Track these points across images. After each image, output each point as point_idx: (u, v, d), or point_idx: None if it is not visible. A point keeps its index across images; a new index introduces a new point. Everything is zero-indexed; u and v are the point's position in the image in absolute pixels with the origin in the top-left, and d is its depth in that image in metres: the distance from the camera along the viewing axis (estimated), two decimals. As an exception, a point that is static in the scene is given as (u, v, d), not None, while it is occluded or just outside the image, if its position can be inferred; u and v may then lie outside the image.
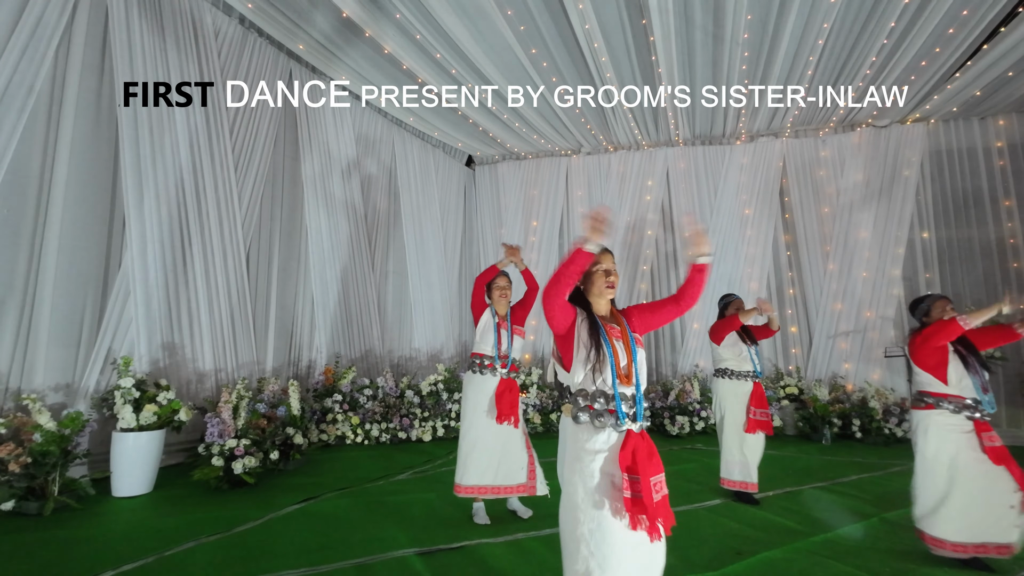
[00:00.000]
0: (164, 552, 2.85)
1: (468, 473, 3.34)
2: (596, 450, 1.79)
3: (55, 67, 4.01)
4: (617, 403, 1.82)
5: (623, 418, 1.80)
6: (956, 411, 2.86)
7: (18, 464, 3.30)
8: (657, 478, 1.75)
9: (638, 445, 1.77)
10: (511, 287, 3.61)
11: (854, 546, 3.14)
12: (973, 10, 4.89)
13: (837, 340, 7.21)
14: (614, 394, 1.83)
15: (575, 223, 8.77)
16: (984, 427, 2.83)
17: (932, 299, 3.11)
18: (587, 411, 1.83)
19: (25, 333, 3.82)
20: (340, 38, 5.67)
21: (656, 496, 1.71)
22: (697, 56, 5.81)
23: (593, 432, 1.81)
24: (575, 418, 1.84)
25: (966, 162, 7.09)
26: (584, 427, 1.83)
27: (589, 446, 1.80)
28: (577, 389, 1.88)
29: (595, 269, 1.99)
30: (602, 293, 1.98)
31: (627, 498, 1.70)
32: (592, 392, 1.85)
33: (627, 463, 1.74)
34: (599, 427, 1.81)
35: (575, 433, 1.85)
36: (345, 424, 5.89)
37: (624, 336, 1.92)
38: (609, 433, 1.81)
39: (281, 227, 6.07)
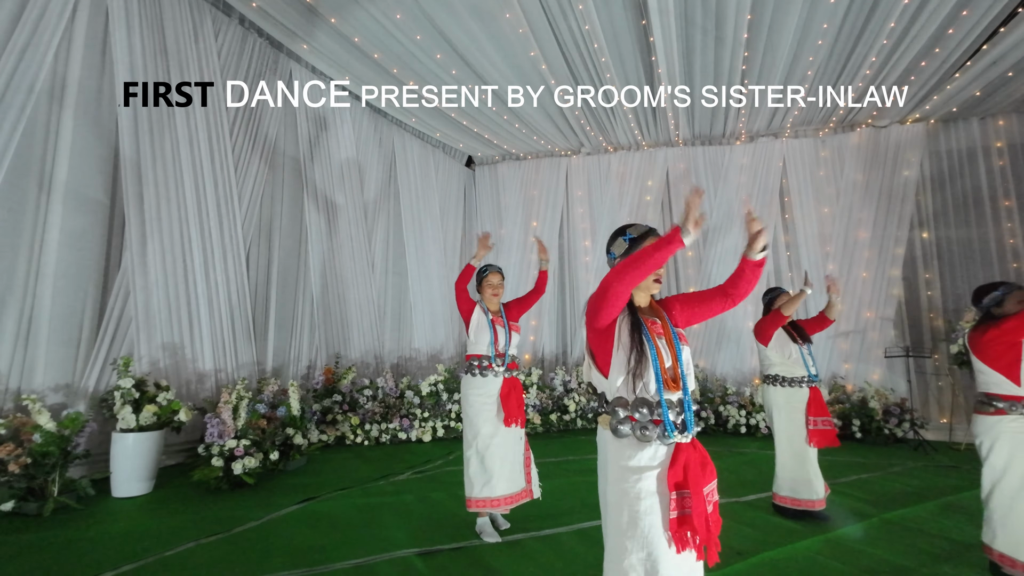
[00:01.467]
0: (164, 552, 2.85)
1: (482, 485, 3.07)
2: (643, 467, 1.58)
3: (55, 67, 4.01)
4: (664, 412, 1.60)
5: (671, 430, 1.59)
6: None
7: (18, 464, 3.30)
8: (709, 487, 1.58)
9: (690, 457, 1.58)
10: (503, 285, 3.37)
11: (854, 546, 3.14)
12: (972, 10, 4.90)
13: (837, 340, 7.21)
14: (660, 401, 1.61)
15: (575, 223, 8.77)
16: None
17: (1008, 288, 2.67)
18: (628, 423, 1.62)
19: (25, 333, 3.82)
20: (341, 39, 5.67)
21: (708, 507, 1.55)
22: (697, 56, 5.82)
23: (637, 447, 1.60)
24: (615, 431, 1.62)
25: (966, 162, 7.09)
26: (626, 441, 1.62)
27: (634, 463, 1.59)
28: (615, 397, 1.65)
29: None
30: (648, 286, 1.76)
31: (673, 519, 1.53)
32: (633, 401, 1.63)
33: (677, 479, 1.56)
34: (644, 440, 1.60)
35: (617, 449, 1.63)
36: (345, 424, 5.88)
37: (667, 332, 1.70)
38: (656, 447, 1.60)
39: (281, 227, 6.07)
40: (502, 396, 3.18)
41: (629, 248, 1.76)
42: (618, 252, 1.80)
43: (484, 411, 3.17)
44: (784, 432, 3.54)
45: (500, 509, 3.14)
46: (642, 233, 1.77)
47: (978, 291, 2.79)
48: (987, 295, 2.73)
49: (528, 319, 8.65)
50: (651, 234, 1.77)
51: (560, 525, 3.33)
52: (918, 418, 6.34)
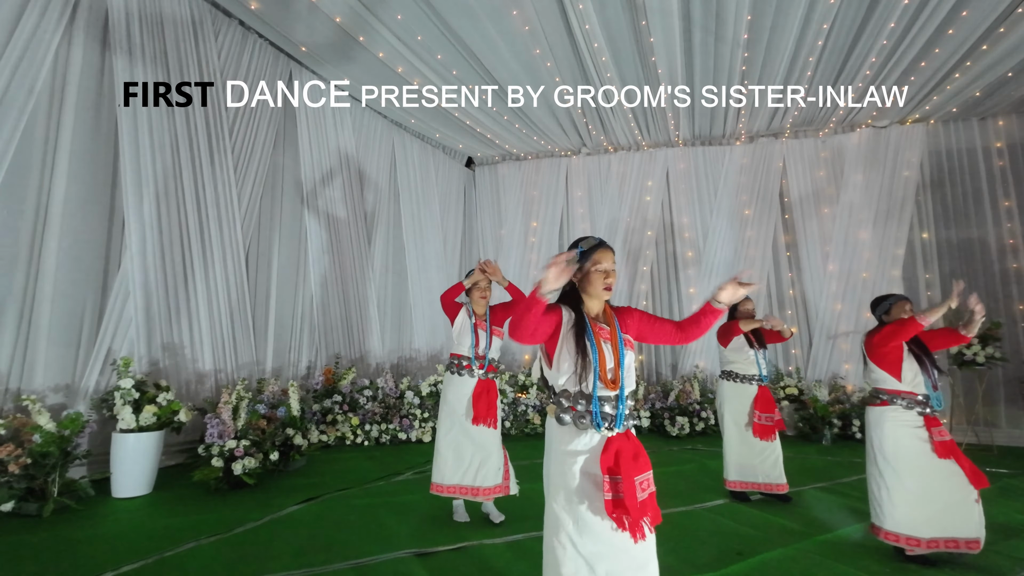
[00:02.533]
0: (164, 553, 2.85)
1: (445, 473, 3.34)
2: (578, 451, 1.77)
3: (55, 67, 4.01)
4: (595, 407, 1.77)
5: (599, 424, 1.76)
6: (908, 407, 2.94)
7: (18, 465, 3.30)
8: (643, 476, 1.73)
9: (622, 446, 1.74)
10: (491, 289, 3.51)
11: (854, 547, 3.14)
12: (972, 10, 4.90)
13: (837, 341, 7.21)
14: (593, 397, 1.78)
15: (575, 223, 8.77)
16: (934, 422, 2.92)
17: (894, 299, 3.18)
18: (570, 412, 1.80)
19: (25, 334, 3.82)
20: (340, 40, 5.67)
21: (642, 495, 1.69)
22: (697, 56, 5.82)
23: (576, 433, 1.78)
24: (559, 419, 1.81)
25: (966, 163, 7.09)
26: (567, 428, 1.80)
27: (571, 447, 1.77)
28: (560, 390, 1.84)
29: (594, 268, 1.89)
30: (599, 294, 1.90)
31: (608, 500, 1.68)
32: (574, 393, 1.81)
33: (608, 464, 1.72)
34: (582, 428, 1.78)
35: (559, 435, 1.82)
36: (345, 425, 5.88)
37: (613, 338, 1.86)
38: (591, 435, 1.78)
39: (281, 227, 6.07)
40: (473, 396, 3.33)
41: (581, 260, 1.90)
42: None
43: (457, 408, 3.36)
44: (731, 421, 4.02)
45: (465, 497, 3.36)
46: (592, 246, 1.91)
47: (873, 302, 3.28)
48: (879, 305, 3.22)
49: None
50: (601, 246, 1.91)
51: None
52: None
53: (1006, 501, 4.07)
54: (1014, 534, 3.37)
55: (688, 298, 8.06)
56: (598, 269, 1.89)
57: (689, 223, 8.18)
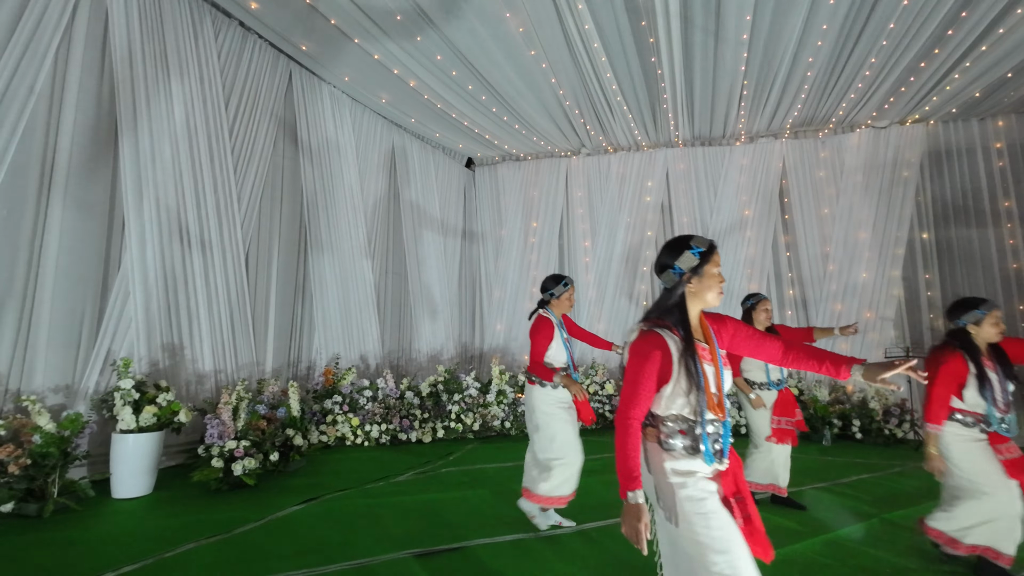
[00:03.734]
0: (164, 554, 2.85)
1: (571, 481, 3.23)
2: (696, 470, 1.59)
3: (55, 67, 4.01)
4: (705, 443, 1.59)
5: (710, 459, 1.58)
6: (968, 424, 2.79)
7: (18, 466, 3.30)
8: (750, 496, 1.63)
9: (737, 469, 1.62)
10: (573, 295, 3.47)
11: (854, 547, 3.14)
12: (972, 11, 4.90)
13: (837, 341, 7.20)
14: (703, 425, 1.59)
15: (575, 224, 8.77)
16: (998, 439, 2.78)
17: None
18: (679, 436, 1.61)
19: (25, 334, 3.81)
20: (339, 40, 5.67)
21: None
22: (697, 56, 5.82)
23: (688, 456, 1.60)
24: (663, 444, 1.62)
25: (965, 163, 7.10)
26: (676, 453, 1.61)
27: (687, 467, 1.59)
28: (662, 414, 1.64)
29: (715, 272, 1.68)
30: (712, 301, 1.70)
31: (741, 526, 1.55)
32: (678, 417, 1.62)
33: (731, 488, 1.58)
34: (693, 454, 1.60)
35: (663, 460, 1.61)
36: (345, 425, 5.88)
37: (714, 358, 1.67)
38: (701, 461, 1.61)
39: (281, 227, 6.07)
40: (575, 401, 3.28)
41: (700, 263, 1.67)
42: (686, 266, 1.68)
43: (562, 415, 3.25)
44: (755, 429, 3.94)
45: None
46: (709, 246, 1.70)
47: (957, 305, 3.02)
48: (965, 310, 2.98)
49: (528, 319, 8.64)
50: (715, 248, 1.72)
51: (560, 526, 3.33)
52: (918, 418, 6.33)
53: (1006, 501, 4.05)
54: (1014, 534, 3.36)
55: (688, 298, 8.05)
56: (718, 272, 1.69)
57: (689, 223, 8.18)
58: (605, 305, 8.33)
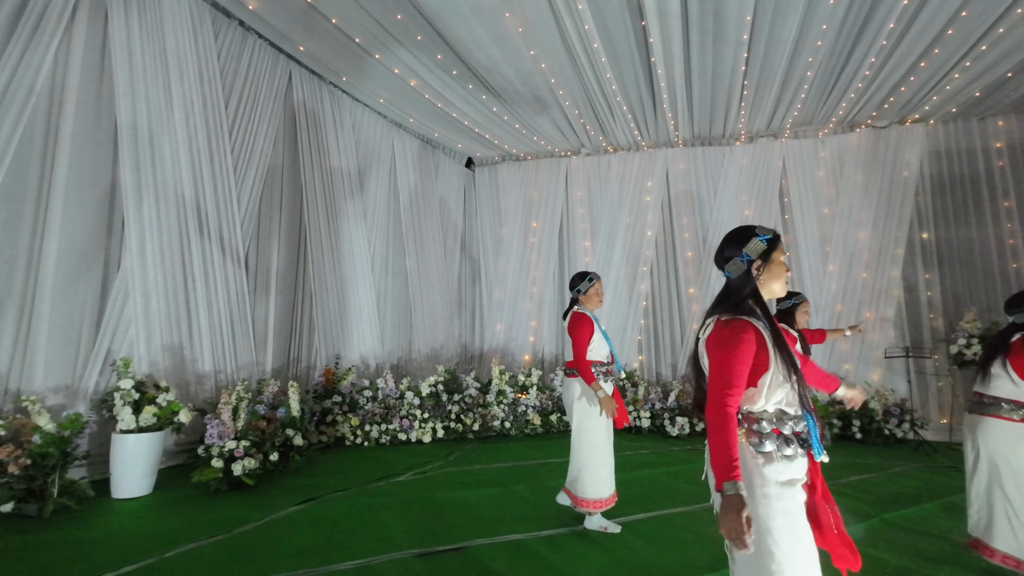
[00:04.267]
0: (164, 554, 2.85)
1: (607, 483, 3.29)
2: (794, 480, 1.50)
3: (55, 68, 4.01)
4: (811, 425, 1.52)
5: (818, 447, 1.52)
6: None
7: (17, 466, 3.30)
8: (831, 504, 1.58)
9: (815, 468, 1.56)
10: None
11: (855, 547, 3.13)
12: (971, 11, 4.90)
13: (837, 341, 7.20)
14: (804, 415, 1.52)
15: (575, 224, 8.77)
16: None
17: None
18: (773, 436, 1.50)
19: (24, 334, 3.81)
20: (339, 42, 5.66)
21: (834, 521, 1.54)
22: (696, 57, 5.82)
23: (785, 461, 1.50)
24: (756, 446, 1.52)
25: (965, 163, 7.10)
26: (771, 456, 1.51)
27: (786, 478, 1.49)
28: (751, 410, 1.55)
29: (782, 259, 1.65)
30: (781, 291, 1.67)
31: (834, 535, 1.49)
32: (777, 413, 1.53)
33: (823, 492, 1.52)
34: (785, 457, 1.50)
35: (760, 467, 1.51)
36: (345, 425, 5.88)
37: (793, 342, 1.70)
38: (800, 461, 1.53)
39: (281, 227, 6.07)
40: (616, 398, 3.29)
41: (768, 249, 1.64)
42: (754, 253, 1.64)
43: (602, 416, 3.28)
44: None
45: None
46: (775, 234, 1.67)
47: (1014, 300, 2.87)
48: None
49: (528, 320, 8.65)
50: (780, 237, 1.69)
51: (561, 526, 3.33)
52: (918, 419, 6.34)
53: (1006, 501, 4.06)
54: (1014, 534, 3.36)
55: (688, 298, 8.06)
56: (784, 260, 1.68)
57: (689, 223, 8.18)
58: (605, 305, 8.33)
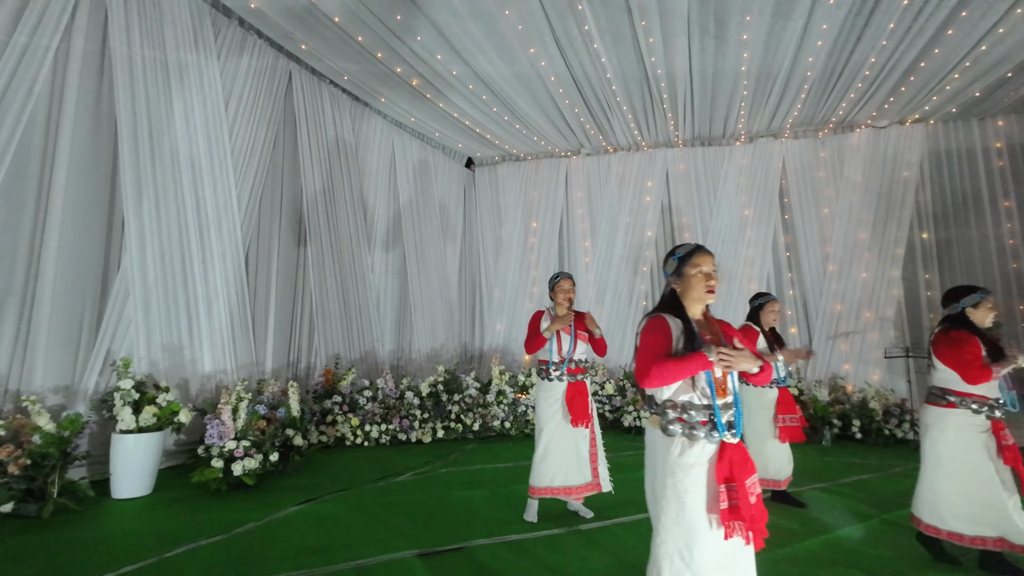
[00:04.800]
0: (164, 554, 2.85)
1: (541, 476, 3.39)
2: (691, 464, 1.74)
3: (55, 68, 4.01)
4: (716, 414, 1.76)
5: (722, 430, 1.75)
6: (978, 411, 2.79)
7: (17, 466, 3.30)
8: (751, 480, 1.73)
9: (734, 453, 1.74)
10: (575, 289, 3.53)
11: (854, 547, 3.14)
12: (971, 11, 4.90)
13: (837, 341, 7.21)
14: (712, 405, 1.77)
15: (575, 224, 8.77)
16: (1001, 426, 2.81)
17: (981, 293, 2.92)
18: (678, 423, 1.77)
19: (24, 334, 3.81)
20: (339, 41, 5.67)
21: (752, 499, 1.70)
22: (696, 56, 5.82)
23: (687, 445, 1.76)
24: (664, 430, 1.79)
25: (965, 163, 7.10)
26: (676, 440, 1.77)
27: (683, 460, 1.74)
28: (665, 400, 1.81)
29: (695, 272, 1.88)
30: (701, 299, 1.89)
31: (724, 509, 1.67)
32: (683, 403, 1.79)
33: (725, 474, 1.70)
34: (692, 440, 1.75)
35: (666, 446, 1.78)
36: (345, 425, 5.88)
37: (718, 344, 1.85)
38: (704, 445, 1.75)
39: (281, 227, 6.07)
40: (567, 399, 3.39)
41: (679, 265, 1.91)
42: (670, 270, 1.95)
43: (550, 412, 3.42)
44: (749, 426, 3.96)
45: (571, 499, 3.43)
46: (690, 250, 1.91)
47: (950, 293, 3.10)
48: (961, 296, 3.04)
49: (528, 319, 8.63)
50: (699, 250, 1.90)
51: (561, 526, 3.33)
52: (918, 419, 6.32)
53: (1006, 501, 4.05)
54: (1014, 534, 3.35)
55: (688, 298, 8.06)
56: (700, 272, 1.88)
57: (689, 223, 8.18)
58: (605, 305, 8.33)
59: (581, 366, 3.49)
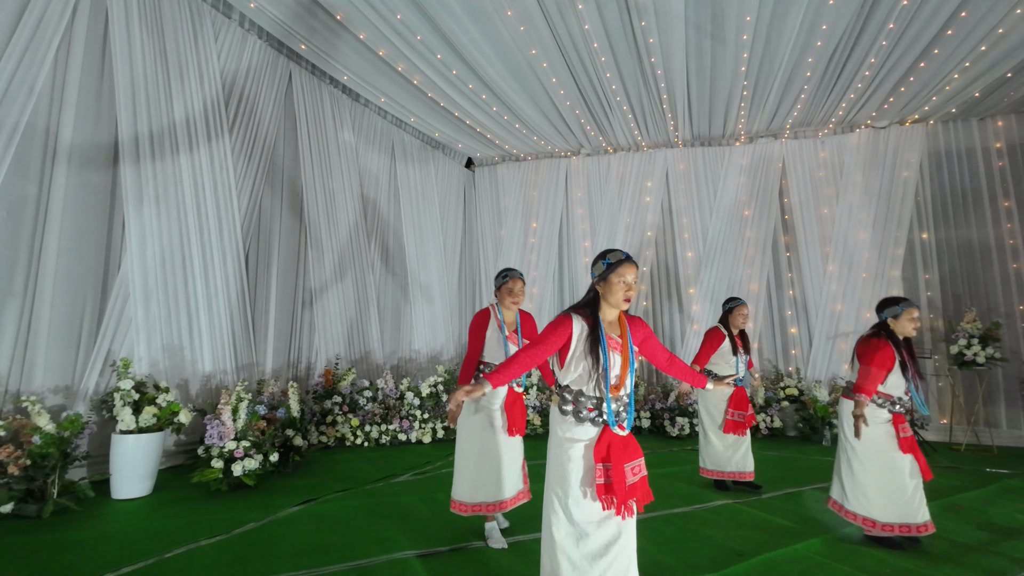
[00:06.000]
0: (164, 555, 2.85)
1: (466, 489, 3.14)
2: (575, 439, 2.04)
3: (55, 68, 4.01)
4: (608, 408, 2.02)
5: (612, 421, 2.02)
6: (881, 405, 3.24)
7: (17, 466, 3.30)
8: (634, 463, 2.01)
9: (613, 439, 2.00)
10: (523, 292, 3.27)
11: (854, 547, 3.14)
12: (971, 11, 4.90)
13: (837, 341, 7.21)
14: (605, 399, 2.03)
15: (575, 224, 8.77)
16: (900, 419, 3.21)
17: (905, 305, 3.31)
18: (571, 405, 2.06)
19: (24, 335, 3.81)
20: (340, 40, 5.67)
21: (632, 479, 1.97)
22: (695, 57, 5.82)
23: (575, 424, 2.05)
24: (560, 409, 2.09)
25: (965, 163, 7.10)
26: (568, 419, 2.06)
27: (570, 435, 2.04)
28: (565, 386, 2.09)
29: (618, 280, 2.07)
30: (617, 304, 2.10)
31: (600, 484, 1.95)
32: (577, 391, 2.06)
33: (601, 455, 1.98)
34: (580, 421, 2.04)
35: (560, 422, 2.09)
36: (345, 426, 5.88)
37: (624, 348, 2.08)
38: (588, 427, 2.04)
39: (281, 228, 6.07)
40: (506, 406, 3.15)
41: (607, 271, 2.10)
42: (597, 273, 2.14)
43: (488, 419, 3.15)
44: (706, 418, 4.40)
45: (504, 511, 3.15)
46: (619, 259, 2.10)
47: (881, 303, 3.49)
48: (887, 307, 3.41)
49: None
50: (627, 260, 2.09)
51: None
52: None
53: (1006, 502, 4.07)
54: (1014, 535, 3.37)
55: (688, 298, 8.06)
56: (622, 281, 2.08)
57: (689, 224, 8.18)
58: (605, 305, 8.32)
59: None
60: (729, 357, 4.27)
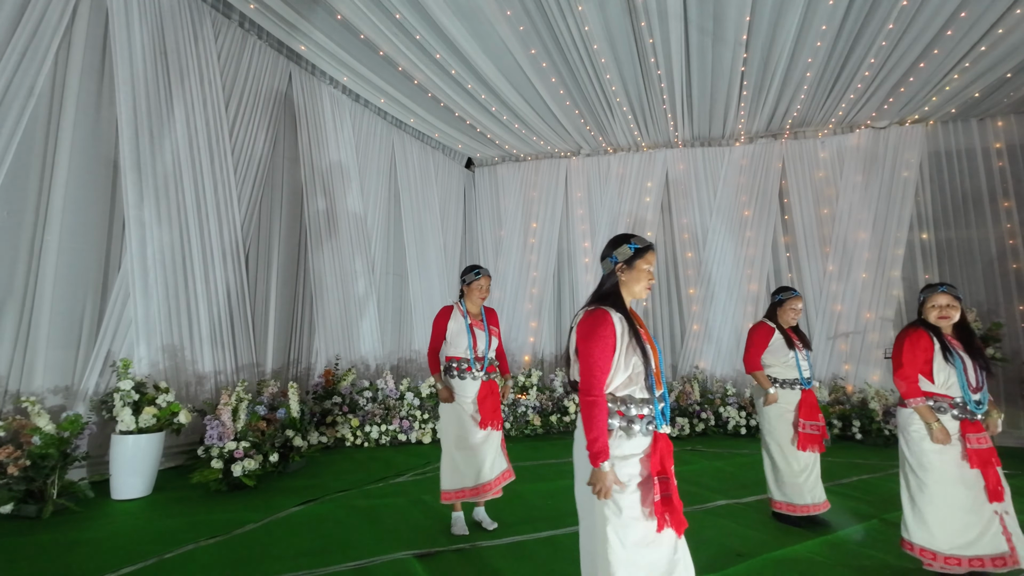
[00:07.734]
0: (163, 555, 2.85)
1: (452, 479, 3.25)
2: (625, 455, 1.74)
3: (55, 69, 4.01)
4: (656, 406, 1.80)
5: (660, 422, 1.80)
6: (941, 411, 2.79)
7: (17, 467, 3.29)
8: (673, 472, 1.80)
9: (664, 447, 1.77)
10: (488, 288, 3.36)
11: (854, 547, 3.14)
12: (971, 11, 4.90)
13: (837, 341, 7.21)
14: (652, 398, 1.80)
15: (575, 224, 8.77)
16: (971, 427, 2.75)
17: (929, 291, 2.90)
18: (617, 417, 1.77)
19: (24, 335, 3.81)
20: (340, 40, 5.67)
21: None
22: (695, 57, 5.82)
23: (623, 439, 1.75)
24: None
25: (965, 163, 7.10)
26: (613, 434, 1.76)
27: (618, 452, 1.74)
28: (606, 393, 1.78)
29: (646, 268, 1.90)
30: (640, 294, 1.92)
31: (657, 501, 1.69)
32: (623, 397, 1.78)
33: (658, 467, 1.73)
34: (631, 435, 1.76)
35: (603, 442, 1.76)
36: (345, 426, 5.88)
37: (649, 338, 1.87)
38: (639, 439, 1.77)
39: (281, 228, 6.07)
40: (479, 399, 3.23)
41: (634, 257, 1.89)
42: (622, 258, 1.90)
43: (460, 411, 3.25)
44: (769, 433, 3.60)
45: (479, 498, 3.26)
46: (646, 245, 1.92)
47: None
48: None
49: (528, 320, 8.65)
50: (652, 248, 1.93)
51: (560, 527, 3.33)
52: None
53: (1006, 501, 4.05)
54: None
55: (688, 298, 8.06)
56: (650, 269, 1.92)
57: (688, 224, 8.18)
58: (605, 306, 8.32)
59: (492, 364, 3.36)
60: (784, 354, 3.53)
